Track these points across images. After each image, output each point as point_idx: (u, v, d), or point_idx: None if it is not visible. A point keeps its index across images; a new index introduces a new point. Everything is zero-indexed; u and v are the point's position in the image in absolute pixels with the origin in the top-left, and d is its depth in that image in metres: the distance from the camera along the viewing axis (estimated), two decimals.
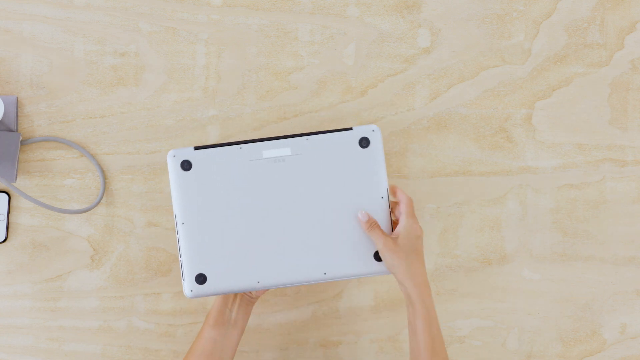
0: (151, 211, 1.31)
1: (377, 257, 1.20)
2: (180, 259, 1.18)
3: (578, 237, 1.33)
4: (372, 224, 1.18)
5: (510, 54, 1.33)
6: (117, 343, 1.31)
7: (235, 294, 1.22)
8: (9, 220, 1.30)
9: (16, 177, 1.28)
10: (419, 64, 1.32)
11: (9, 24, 1.31)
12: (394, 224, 1.20)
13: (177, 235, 1.18)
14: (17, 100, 1.30)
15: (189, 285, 1.17)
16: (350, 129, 1.22)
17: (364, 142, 1.21)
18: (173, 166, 1.20)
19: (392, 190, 1.21)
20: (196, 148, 1.20)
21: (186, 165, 1.20)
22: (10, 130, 1.29)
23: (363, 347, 1.32)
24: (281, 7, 1.32)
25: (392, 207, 1.20)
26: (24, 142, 1.30)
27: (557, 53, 1.33)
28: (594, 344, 1.32)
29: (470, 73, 1.33)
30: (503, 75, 1.33)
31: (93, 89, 1.31)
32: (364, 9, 1.32)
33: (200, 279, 1.19)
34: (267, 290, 1.22)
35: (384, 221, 1.21)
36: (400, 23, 1.32)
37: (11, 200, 1.30)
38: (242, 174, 1.20)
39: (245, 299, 1.21)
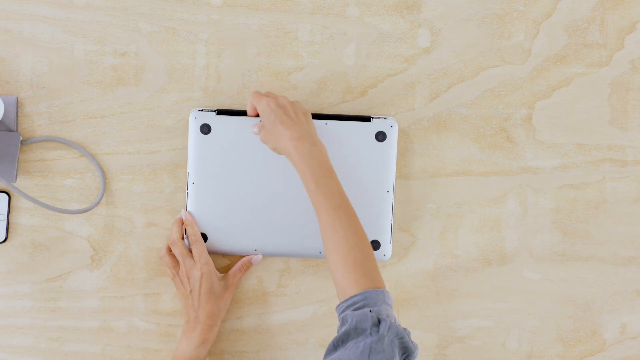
0: (151, 211, 1.31)
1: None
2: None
3: (578, 237, 1.33)
4: (255, 126, 1.25)
5: (510, 54, 1.33)
6: (117, 343, 1.31)
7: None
8: (9, 220, 1.30)
9: (16, 177, 1.28)
10: (419, 64, 1.32)
11: (9, 24, 1.31)
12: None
13: (186, 192, 1.26)
14: (17, 100, 1.30)
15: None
16: (369, 119, 1.27)
17: (381, 136, 1.27)
18: (193, 127, 1.27)
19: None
20: (219, 112, 1.27)
21: (205, 129, 1.27)
22: (10, 130, 1.29)
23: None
24: (281, 7, 1.32)
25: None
26: (24, 142, 1.30)
27: (557, 53, 1.33)
28: (594, 344, 1.32)
29: (470, 73, 1.33)
30: (503, 75, 1.33)
31: (93, 89, 1.31)
32: (364, 9, 1.32)
33: (202, 238, 1.26)
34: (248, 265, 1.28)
35: (387, 213, 1.25)
36: (400, 23, 1.32)
37: (11, 200, 1.30)
38: (258, 145, 1.26)
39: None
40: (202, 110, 1.29)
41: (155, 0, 1.31)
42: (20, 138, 1.29)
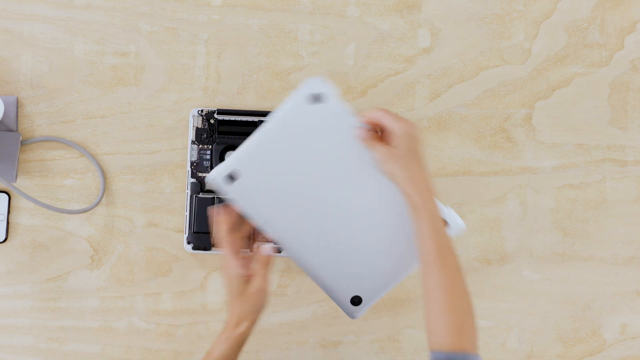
0: (151, 211, 1.31)
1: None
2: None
3: (578, 237, 1.33)
4: (370, 135, 1.09)
5: (510, 54, 1.33)
6: (117, 343, 1.31)
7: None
8: (9, 220, 1.30)
9: (16, 177, 1.28)
10: (419, 64, 1.32)
11: (9, 24, 1.31)
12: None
13: (249, 138, 1.08)
14: (17, 100, 1.30)
15: (222, 176, 1.08)
16: None
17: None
18: (301, 97, 1.08)
19: (367, 121, 1.10)
20: (219, 112, 1.23)
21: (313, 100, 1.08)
22: (10, 130, 1.29)
23: (363, 347, 1.32)
24: (281, 7, 1.32)
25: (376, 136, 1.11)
26: (24, 142, 1.30)
27: (557, 53, 1.33)
28: (594, 344, 1.32)
29: (470, 73, 1.33)
30: (503, 75, 1.33)
31: (93, 89, 1.31)
32: (364, 9, 1.32)
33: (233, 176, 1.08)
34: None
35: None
36: (400, 23, 1.32)
37: (11, 200, 1.30)
38: (339, 137, 1.09)
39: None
40: (202, 109, 1.29)
41: (155, 0, 1.31)
42: (20, 138, 1.29)
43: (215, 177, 1.08)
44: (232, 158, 1.08)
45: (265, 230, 1.11)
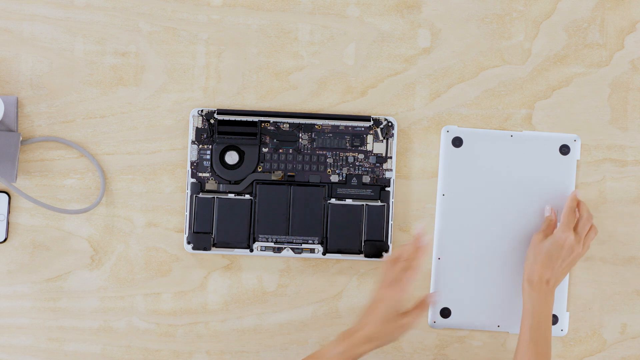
0: (151, 211, 1.31)
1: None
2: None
3: None
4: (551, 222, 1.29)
5: (510, 54, 1.33)
6: (117, 343, 1.31)
7: None
8: (9, 220, 1.30)
9: (16, 177, 1.28)
10: (419, 64, 1.32)
11: (9, 24, 1.31)
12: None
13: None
14: (17, 100, 1.30)
15: None
16: (369, 119, 1.29)
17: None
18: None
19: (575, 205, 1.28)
20: (219, 112, 1.28)
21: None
22: (10, 130, 1.29)
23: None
24: (281, 7, 1.32)
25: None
26: (24, 142, 1.30)
27: (557, 53, 1.33)
28: (594, 344, 1.32)
29: (470, 73, 1.32)
30: (503, 75, 1.33)
31: (93, 89, 1.31)
32: (364, 9, 1.32)
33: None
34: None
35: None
36: (400, 23, 1.32)
37: (11, 200, 1.30)
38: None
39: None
40: (202, 110, 1.29)
41: (155, 0, 1.31)
42: (20, 138, 1.29)
43: None
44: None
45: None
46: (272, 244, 1.30)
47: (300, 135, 1.30)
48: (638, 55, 1.33)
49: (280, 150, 1.30)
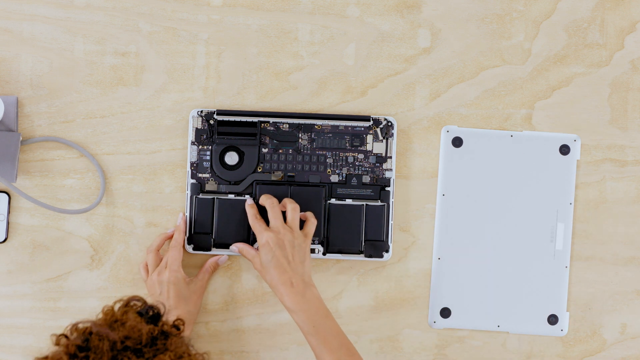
0: (151, 211, 1.31)
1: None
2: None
3: (578, 237, 1.33)
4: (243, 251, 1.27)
5: (510, 54, 1.32)
6: None
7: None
8: (9, 220, 1.30)
9: (16, 177, 1.28)
10: (419, 64, 1.32)
11: (9, 24, 1.31)
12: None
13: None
14: (17, 100, 1.30)
15: None
16: (369, 119, 1.29)
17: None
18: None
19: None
20: (219, 112, 1.28)
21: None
22: (10, 130, 1.29)
23: (363, 347, 1.31)
24: (281, 7, 1.32)
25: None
26: (24, 142, 1.30)
27: (557, 53, 1.33)
28: (594, 344, 1.32)
29: (470, 73, 1.32)
30: (503, 75, 1.32)
31: (93, 89, 1.31)
32: (364, 9, 1.32)
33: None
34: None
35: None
36: (400, 23, 1.32)
37: (11, 200, 1.30)
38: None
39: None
40: (201, 110, 1.29)
41: (155, 0, 1.31)
42: (20, 138, 1.29)
43: None
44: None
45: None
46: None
47: (300, 135, 1.30)
48: (638, 55, 1.33)
49: (280, 151, 1.30)
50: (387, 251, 1.30)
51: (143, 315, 0.99)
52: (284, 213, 1.25)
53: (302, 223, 1.26)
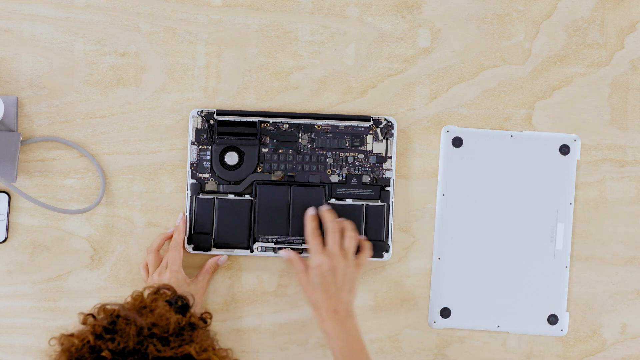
0: (151, 211, 1.31)
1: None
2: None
3: (578, 237, 1.33)
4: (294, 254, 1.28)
5: (510, 54, 1.32)
6: None
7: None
8: (9, 220, 1.30)
9: (16, 177, 1.28)
10: (419, 64, 1.32)
11: (9, 24, 1.31)
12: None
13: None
14: (17, 100, 1.30)
15: None
16: (369, 119, 1.29)
17: (565, 149, 1.32)
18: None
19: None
20: (218, 113, 1.28)
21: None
22: (10, 130, 1.29)
23: None
24: (281, 7, 1.32)
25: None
26: (24, 142, 1.30)
27: (557, 53, 1.33)
28: (594, 344, 1.32)
29: (470, 73, 1.32)
30: (503, 75, 1.32)
31: (93, 89, 1.31)
32: (364, 9, 1.32)
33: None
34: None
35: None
36: (400, 23, 1.32)
37: (11, 200, 1.30)
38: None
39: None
40: (201, 110, 1.29)
41: (155, 0, 1.31)
42: (20, 138, 1.29)
43: None
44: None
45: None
46: (272, 245, 1.30)
47: (300, 135, 1.30)
48: (638, 55, 1.33)
49: (280, 151, 1.30)
50: (387, 251, 1.30)
51: (172, 305, 1.00)
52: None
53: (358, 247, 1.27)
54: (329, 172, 1.31)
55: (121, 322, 0.95)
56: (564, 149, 1.31)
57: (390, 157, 1.31)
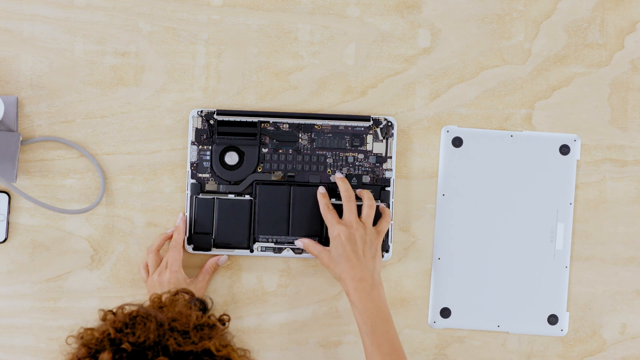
0: (151, 211, 1.31)
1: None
2: None
3: (578, 237, 1.33)
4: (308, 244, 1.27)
5: (510, 54, 1.33)
6: None
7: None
8: (9, 220, 1.30)
9: (16, 177, 1.28)
10: (419, 64, 1.32)
11: (9, 24, 1.31)
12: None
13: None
14: (17, 100, 1.30)
15: None
16: (369, 119, 1.29)
17: (565, 149, 1.32)
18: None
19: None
20: (218, 113, 1.28)
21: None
22: (10, 130, 1.29)
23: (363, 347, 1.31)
24: (281, 7, 1.32)
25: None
26: (24, 142, 1.30)
27: (557, 53, 1.33)
28: (594, 344, 1.32)
29: (470, 73, 1.32)
30: (503, 75, 1.33)
31: (93, 89, 1.31)
32: (364, 9, 1.32)
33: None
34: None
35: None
36: (400, 23, 1.32)
37: (11, 200, 1.30)
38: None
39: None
40: (202, 110, 1.29)
41: (155, 0, 1.31)
42: (20, 138, 1.29)
43: None
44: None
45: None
46: (272, 245, 1.30)
47: (300, 135, 1.30)
48: (638, 55, 1.33)
49: (280, 151, 1.30)
50: (387, 251, 1.30)
51: (192, 304, 1.00)
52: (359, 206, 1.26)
53: (377, 217, 1.27)
54: (329, 172, 1.31)
55: (141, 318, 0.95)
56: (564, 149, 1.31)
57: (390, 157, 1.31)
